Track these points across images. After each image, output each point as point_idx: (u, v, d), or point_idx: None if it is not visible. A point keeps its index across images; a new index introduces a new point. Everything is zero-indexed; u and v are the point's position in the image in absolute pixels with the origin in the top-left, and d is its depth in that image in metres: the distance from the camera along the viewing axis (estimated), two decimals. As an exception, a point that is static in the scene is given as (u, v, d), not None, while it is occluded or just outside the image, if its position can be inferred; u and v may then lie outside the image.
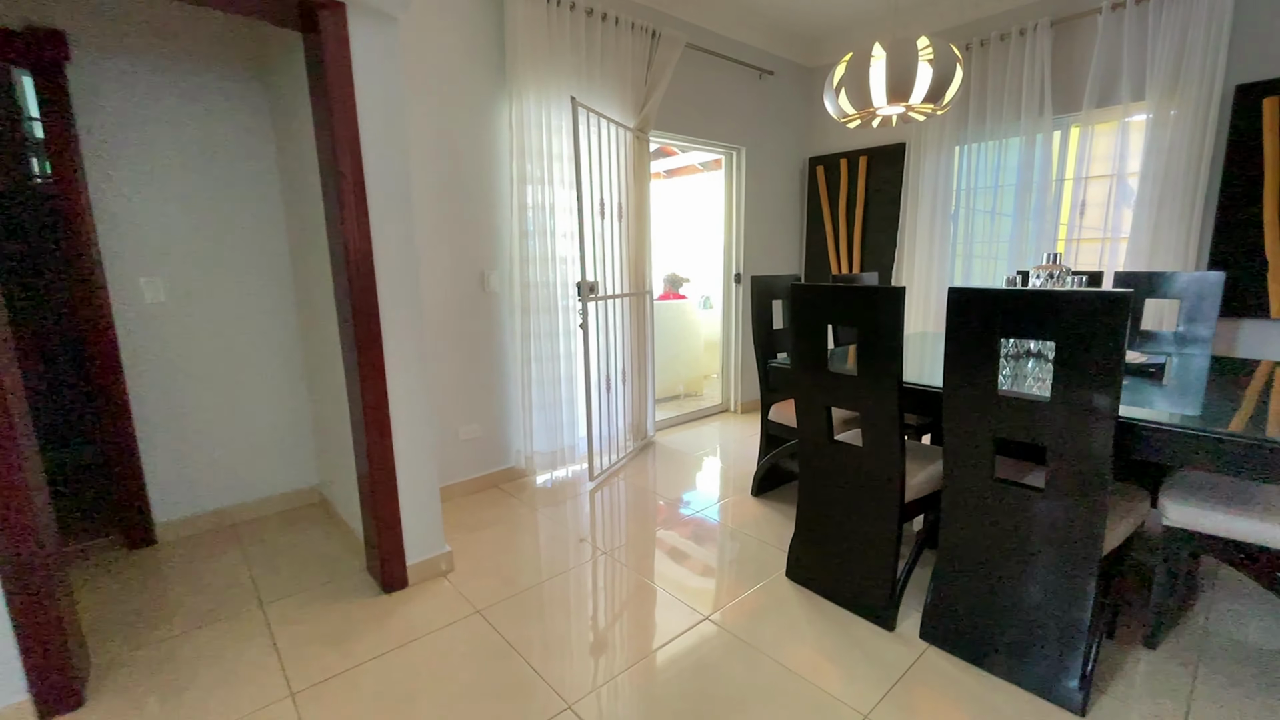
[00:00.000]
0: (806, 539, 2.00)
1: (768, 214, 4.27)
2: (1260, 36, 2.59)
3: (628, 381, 3.35)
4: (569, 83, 2.87)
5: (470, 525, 2.52)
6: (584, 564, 2.19)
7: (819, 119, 4.34)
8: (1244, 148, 2.65)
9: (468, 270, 2.76)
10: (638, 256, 3.34)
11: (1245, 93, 2.63)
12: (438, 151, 2.60)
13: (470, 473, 2.88)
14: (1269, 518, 1.46)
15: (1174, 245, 2.83)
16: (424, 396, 2.04)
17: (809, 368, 1.84)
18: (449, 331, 2.74)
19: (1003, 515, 1.53)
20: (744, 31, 3.80)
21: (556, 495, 2.85)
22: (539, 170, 2.81)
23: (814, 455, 1.92)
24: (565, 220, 2.95)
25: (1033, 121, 3.24)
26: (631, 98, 3.17)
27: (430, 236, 2.62)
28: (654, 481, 3.02)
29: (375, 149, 1.82)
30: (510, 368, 2.97)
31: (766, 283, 2.72)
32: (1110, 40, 2.97)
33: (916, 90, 1.97)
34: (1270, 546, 1.45)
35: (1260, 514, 1.47)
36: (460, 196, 2.69)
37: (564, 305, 3.01)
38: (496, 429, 2.96)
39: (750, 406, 4.39)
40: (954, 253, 3.71)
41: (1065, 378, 1.32)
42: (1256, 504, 1.52)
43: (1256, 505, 1.51)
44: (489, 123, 2.74)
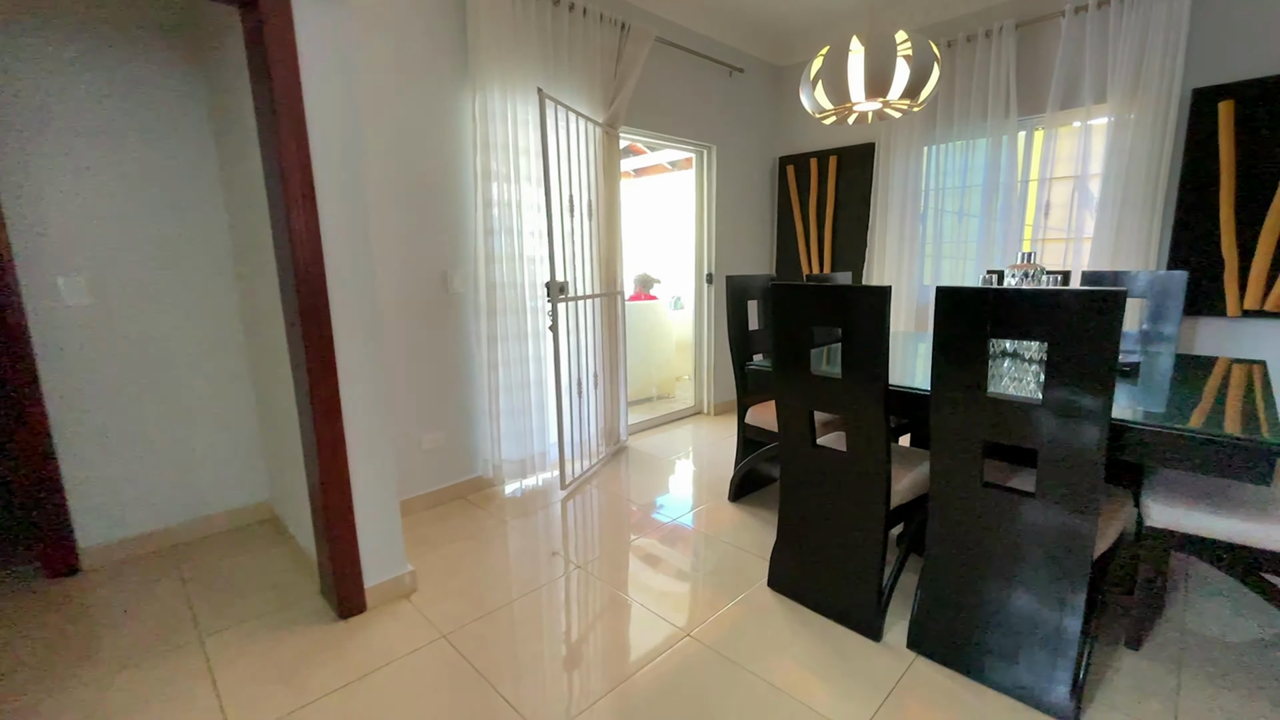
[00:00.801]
0: (788, 547, 1.93)
1: (739, 213, 4.23)
2: (1216, 42, 2.66)
3: (599, 385, 3.25)
4: (536, 74, 2.75)
5: (434, 541, 2.37)
6: (556, 579, 2.07)
7: (789, 118, 4.32)
8: (1201, 150, 2.72)
9: (429, 270, 2.61)
10: (609, 256, 3.24)
11: (1202, 96, 2.69)
12: (395, 143, 2.44)
13: (434, 484, 2.73)
14: (1250, 517, 1.45)
15: (1136, 245, 2.89)
16: (381, 405, 1.90)
17: (791, 370, 1.78)
18: (409, 335, 2.58)
19: (992, 520, 1.48)
20: (713, 27, 3.75)
21: (526, 505, 2.72)
22: (504, 165, 2.68)
23: (796, 461, 1.85)
24: (533, 218, 2.83)
25: (999, 123, 3.28)
26: (601, 92, 3.07)
27: (387, 234, 2.46)
28: (628, 488, 2.92)
29: (325, 137, 1.67)
30: (476, 372, 2.83)
31: (741, 283, 2.66)
32: (1073, 43, 3.01)
33: (895, 86, 1.93)
34: (1250, 545, 1.45)
35: (1241, 513, 1.47)
36: (420, 191, 2.54)
37: (532, 306, 2.88)
38: (462, 437, 2.82)
39: (724, 408, 4.33)
40: (923, 253, 3.73)
41: (1058, 379, 1.28)
42: (1235, 503, 1.51)
43: (1236, 504, 1.51)
44: (451, 114, 2.60)
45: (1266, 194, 2.57)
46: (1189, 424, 1.28)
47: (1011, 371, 1.89)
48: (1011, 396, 1.38)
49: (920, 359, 2.24)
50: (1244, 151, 2.61)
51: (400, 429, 2.58)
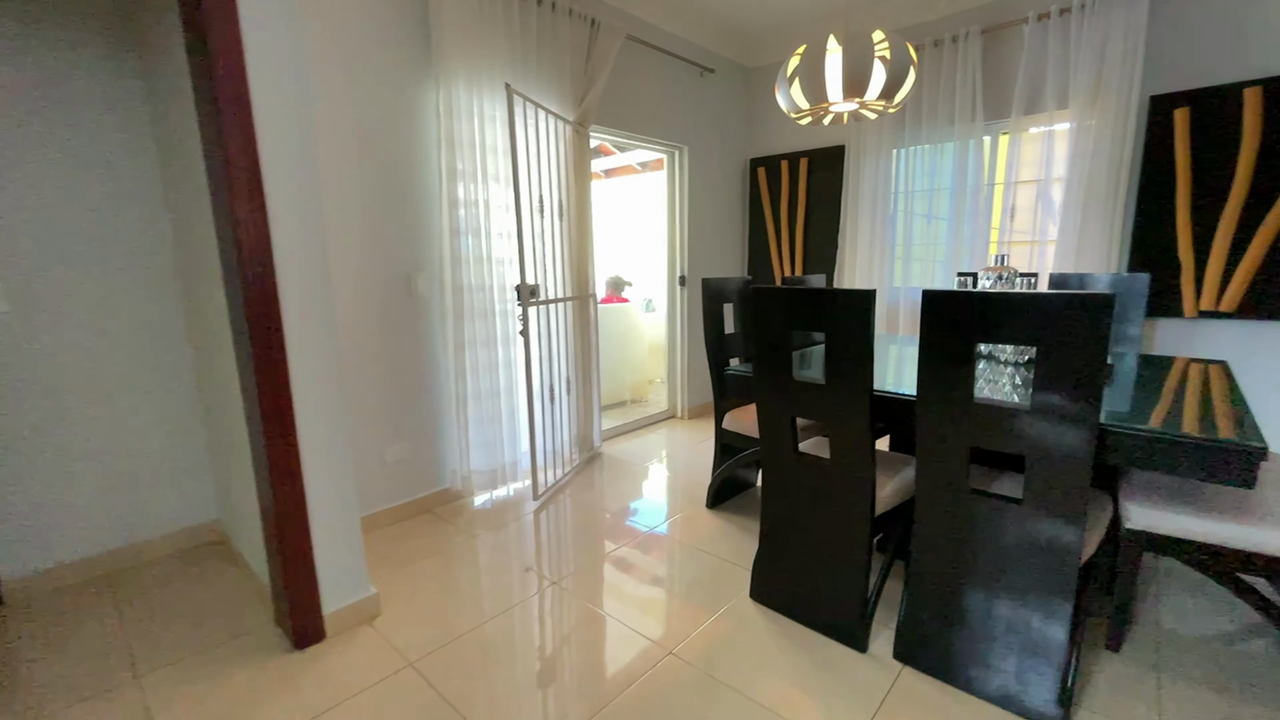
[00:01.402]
0: (771, 557, 1.88)
1: (710, 215, 4.19)
2: (1171, 51, 2.74)
3: (572, 391, 3.16)
4: (503, 69, 2.65)
5: (399, 559, 2.24)
6: (530, 597, 1.98)
7: (760, 119, 4.31)
8: (1158, 156, 2.80)
9: (391, 273, 2.48)
10: (580, 258, 3.15)
11: (1159, 104, 2.77)
12: (353, 139, 2.30)
13: (398, 498, 2.59)
14: (1226, 518, 1.46)
15: (1098, 248, 2.96)
16: (340, 417, 1.77)
17: (772, 376, 1.73)
18: (370, 342, 2.44)
19: (978, 527, 1.46)
20: (684, 27, 3.70)
21: (497, 518, 2.61)
22: (471, 163, 2.57)
23: (778, 468, 1.80)
24: (501, 218, 2.72)
25: (965, 127, 3.32)
26: (570, 90, 2.98)
27: (346, 234, 2.32)
28: (603, 497, 2.84)
29: (273, 127, 1.54)
30: (442, 380, 2.70)
31: (717, 285, 2.61)
32: (1036, 50, 3.07)
33: (872, 86, 1.90)
34: (1227, 545, 1.46)
35: (1217, 514, 1.48)
36: (381, 189, 2.41)
37: (501, 310, 2.77)
38: (428, 448, 2.69)
39: (698, 412, 4.29)
40: (893, 254, 3.76)
41: (1046, 383, 1.25)
42: (1210, 504, 1.53)
43: (1211, 506, 1.52)
44: (413, 109, 2.47)
45: (1220, 199, 2.66)
46: (1181, 429, 1.28)
47: (986, 374, 1.89)
48: (999, 402, 1.35)
49: (894, 361, 2.22)
50: (1198, 158, 2.70)
51: (361, 441, 2.44)
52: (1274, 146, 2.52)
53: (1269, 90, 2.50)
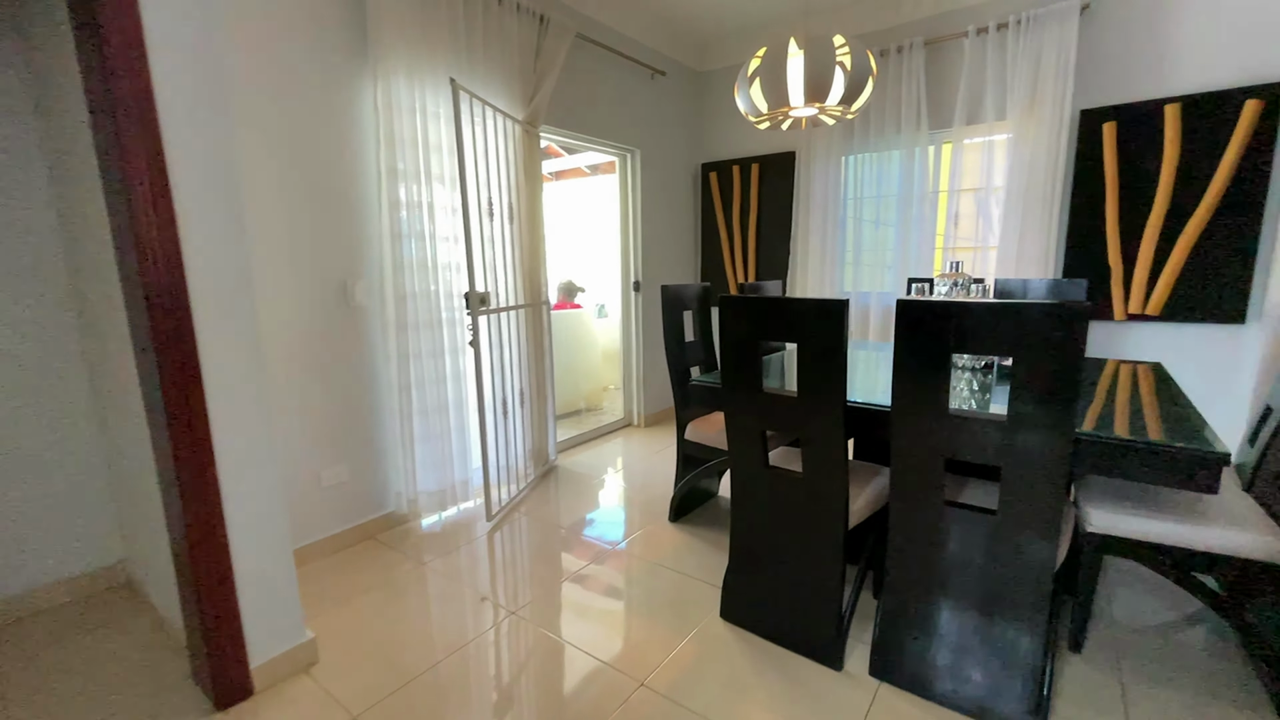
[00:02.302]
0: (741, 575, 1.82)
1: (663, 219, 4.14)
2: (1100, 67, 2.88)
3: (526, 402, 3.01)
4: (447, 64, 2.49)
5: (339, 595, 2.04)
6: (487, 631, 1.83)
7: (711, 124, 4.30)
8: (1089, 167, 2.94)
9: (325, 280, 2.27)
10: (532, 263, 3.01)
11: (1089, 117, 2.91)
12: (279, 133, 2.09)
13: (337, 525, 2.38)
14: (1181, 519, 1.50)
15: (1036, 254, 3.08)
16: (266, 440, 1.58)
17: (741, 388, 1.66)
18: (302, 357, 2.23)
19: (953, 539, 1.44)
20: (635, 28, 3.63)
21: (448, 541, 2.44)
22: (413, 162, 2.39)
23: (748, 483, 1.74)
24: (447, 222, 2.56)
25: (911, 135, 3.40)
26: (519, 87, 2.85)
27: (272, 238, 2.11)
28: (560, 513, 2.71)
29: (180, 116, 1.35)
30: (384, 395, 2.50)
31: (676, 292, 2.54)
32: (976, 63, 3.17)
33: (833, 91, 1.88)
34: (1181, 545, 1.50)
35: (1173, 516, 1.52)
36: (312, 190, 2.20)
37: (449, 319, 2.60)
38: (370, 469, 2.48)
39: (655, 419, 4.21)
40: (843, 260, 3.81)
41: (1023, 393, 1.24)
42: (1165, 506, 1.57)
43: (1166, 507, 1.56)
44: (348, 103, 2.28)
45: (1145, 208, 2.81)
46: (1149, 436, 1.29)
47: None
48: (976, 413, 1.33)
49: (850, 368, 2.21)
50: (1125, 169, 2.85)
51: (294, 465, 2.22)
52: (1192, 160, 2.69)
53: (1187, 107, 2.67)
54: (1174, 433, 1.30)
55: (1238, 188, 2.62)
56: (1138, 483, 1.68)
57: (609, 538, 2.46)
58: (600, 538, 2.46)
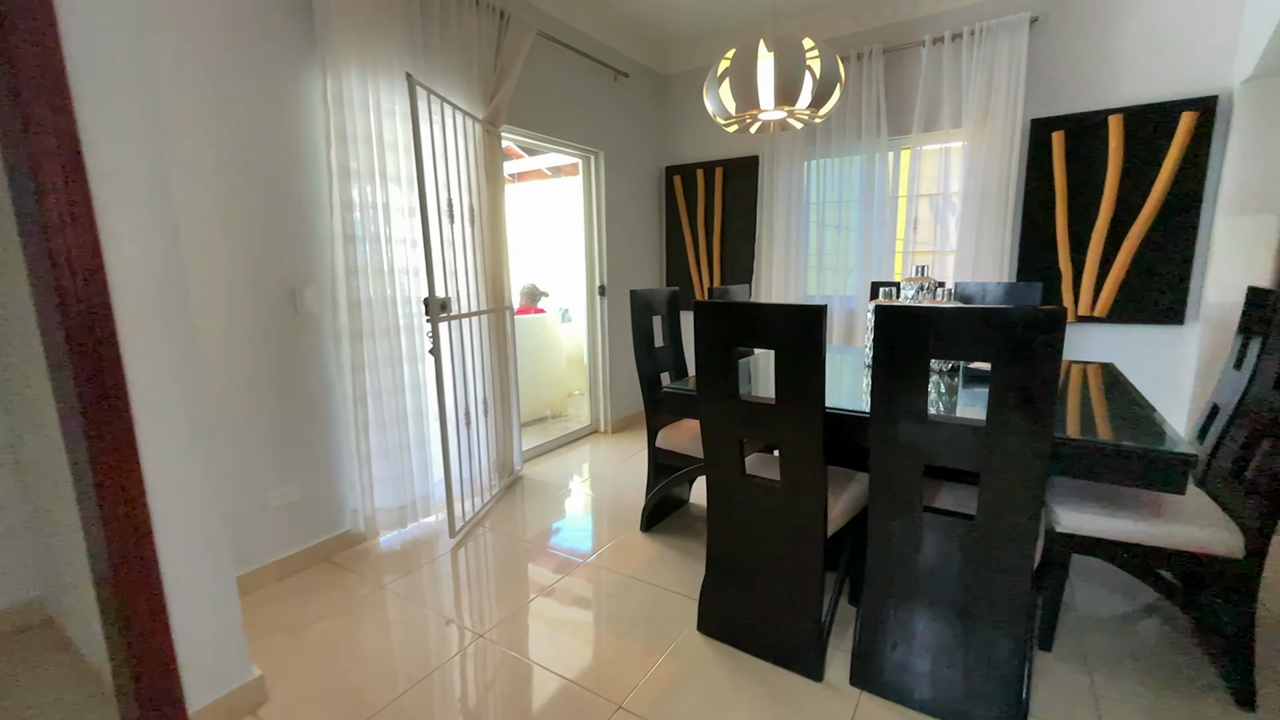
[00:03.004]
0: (718, 587, 1.78)
1: (628, 223, 4.09)
2: (1049, 78, 2.99)
3: (490, 411, 2.90)
4: (403, 58, 2.37)
5: (291, 624, 1.90)
6: (453, 658, 1.73)
7: (674, 127, 4.28)
8: (1040, 174, 3.04)
9: (271, 286, 2.12)
10: (495, 267, 2.91)
11: (1038, 126, 3.01)
12: (218, 126, 1.94)
13: (288, 548, 2.22)
14: (1145, 517, 1.54)
15: (992, 258, 3.17)
16: (203, 461, 1.44)
17: (717, 395, 1.62)
18: (247, 368, 2.07)
19: (932, 545, 1.43)
20: (598, 28, 3.57)
21: (408, 560, 2.31)
22: (367, 161, 2.27)
23: (724, 493, 1.70)
24: (404, 224, 2.43)
25: (871, 141, 3.45)
26: (480, 85, 2.75)
27: (211, 242, 1.95)
28: (527, 527, 2.62)
29: (99, 100, 1.22)
30: (338, 408, 2.36)
31: (646, 297, 2.49)
32: (932, 72, 3.25)
33: (803, 94, 1.87)
34: (1145, 543, 1.53)
35: (1136, 515, 1.56)
36: (256, 189, 2.05)
37: (407, 326, 2.48)
38: (323, 487, 2.33)
39: (622, 425, 4.15)
40: (807, 264, 3.84)
41: (1003, 399, 1.24)
42: (1130, 506, 1.61)
43: (1130, 507, 1.60)
44: (295, 97, 2.14)
45: (1092, 214, 2.93)
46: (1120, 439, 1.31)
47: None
48: (956, 418, 1.32)
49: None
50: (1073, 176, 2.96)
51: (238, 484, 2.06)
52: (1134, 168, 2.81)
53: (1129, 118, 2.79)
54: (1145, 436, 1.33)
55: (1176, 195, 2.75)
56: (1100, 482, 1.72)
57: (579, 550, 2.38)
58: (570, 551, 2.38)
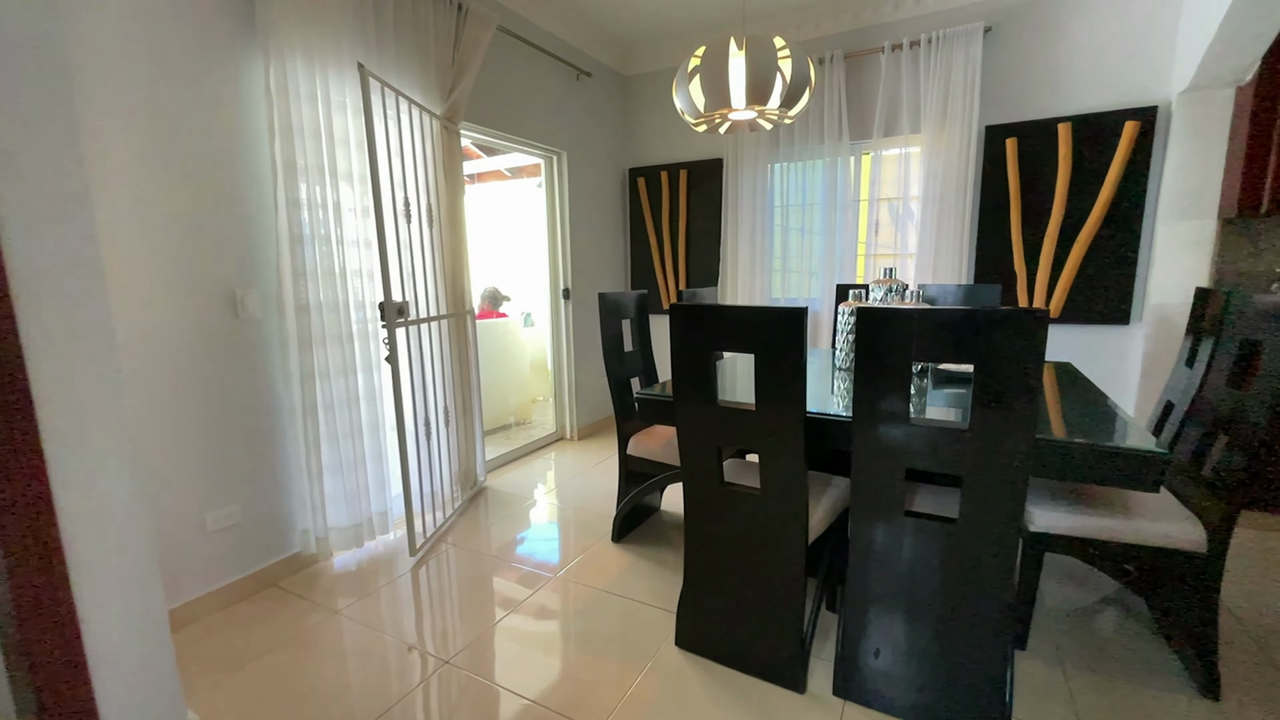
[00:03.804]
0: (697, 599, 1.72)
1: (593, 225, 4.01)
2: (1002, 86, 3.08)
3: (451, 421, 2.77)
4: (354, 48, 2.23)
5: (233, 659, 1.73)
6: (415, 688, 1.61)
7: (638, 129, 4.23)
8: (994, 179, 3.13)
9: (209, 290, 1.95)
10: (455, 270, 2.79)
11: (993, 133, 3.10)
12: (144, 114, 1.77)
13: (230, 574, 2.04)
14: (1114, 515, 1.57)
15: (951, 261, 3.24)
16: (129, 485, 1.29)
17: (695, 401, 1.57)
18: (182, 379, 1.90)
19: (914, 550, 1.41)
20: (560, 25, 3.49)
21: (365, 582, 2.16)
22: (315, 156, 2.12)
23: (702, 501, 1.65)
24: (357, 224, 2.29)
25: (833, 145, 3.49)
26: (437, 79, 2.62)
27: (140, 242, 1.77)
28: (493, 541, 2.50)
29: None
30: (285, 421, 2.19)
31: (615, 301, 2.42)
32: (891, 78, 3.31)
33: (774, 93, 1.84)
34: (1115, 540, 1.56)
35: (1106, 512, 1.58)
36: (190, 182, 1.89)
37: (360, 332, 2.33)
38: (269, 506, 2.16)
39: (589, 432, 4.06)
40: (772, 267, 3.85)
41: (986, 402, 1.22)
42: (1099, 504, 1.63)
43: (1100, 505, 1.63)
44: (234, 85, 1.98)
45: (1044, 219, 3.03)
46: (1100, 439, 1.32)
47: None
48: (939, 421, 1.31)
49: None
50: (1025, 182, 3.06)
51: (171, 509, 1.88)
52: (1082, 174, 2.92)
53: (1076, 126, 2.90)
54: (1121, 435, 1.34)
55: (1120, 201, 2.88)
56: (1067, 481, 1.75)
57: (549, 564, 2.29)
58: (539, 565, 2.28)
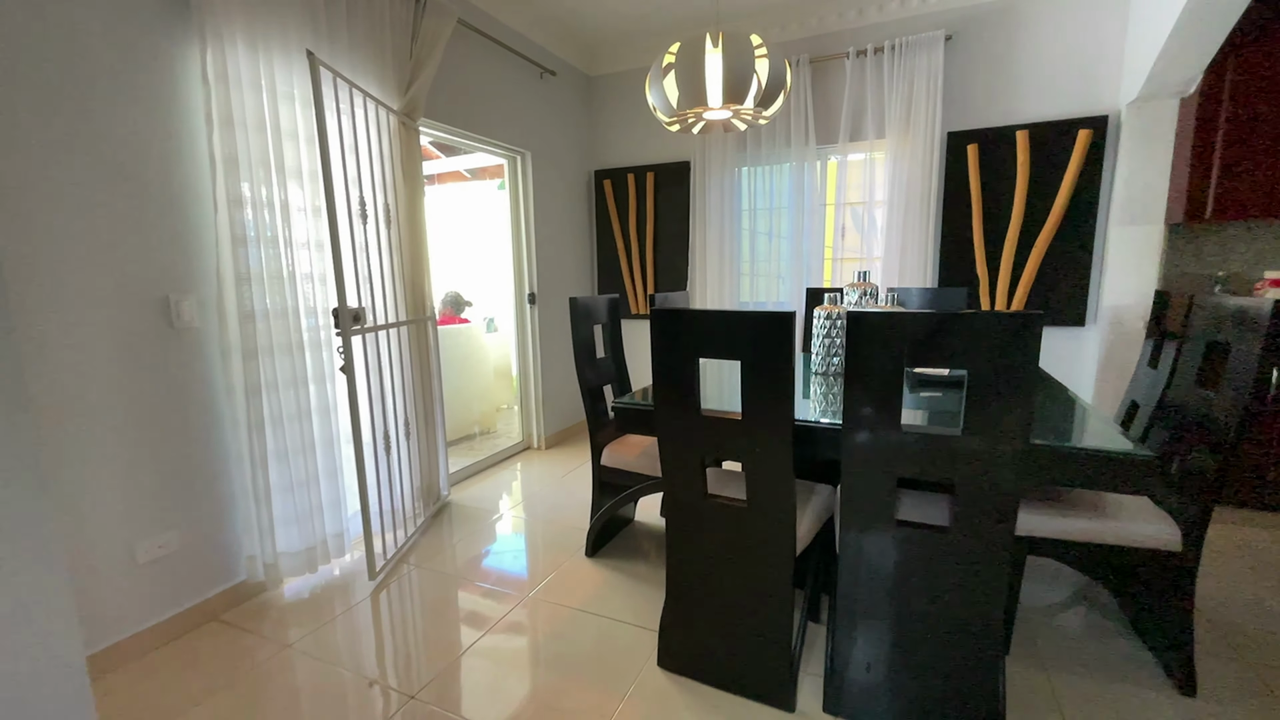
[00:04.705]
0: (680, 617, 1.64)
1: (558, 228, 3.90)
2: (963, 94, 3.14)
3: (412, 433, 2.62)
4: (303, 35, 2.08)
5: (170, 705, 1.56)
6: (381, 728, 1.48)
7: (603, 130, 4.15)
8: (957, 184, 3.19)
9: (139, 295, 1.76)
10: (415, 273, 2.64)
11: (955, 139, 3.16)
12: (60, 100, 1.58)
13: (165, 610, 1.85)
14: (1094, 517, 1.58)
15: (916, 264, 3.28)
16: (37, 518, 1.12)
17: (677, 410, 1.50)
18: (107, 395, 1.70)
19: (905, 560, 1.37)
20: (523, 22, 3.39)
21: (320, 611, 2.00)
22: (260, 150, 1.96)
23: (686, 515, 1.57)
24: (308, 224, 2.13)
25: (800, 150, 3.49)
26: (394, 73, 2.48)
27: (55, 239, 1.58)
28: (459, 560, 2.36)
29: None
30: (227, 439, 2.01)
31: (587, 305, 2.33)
32: (856, 83, 3.33)
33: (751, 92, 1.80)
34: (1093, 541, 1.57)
35: (1086, 515, 1.59)
36: (117, 177, 1.70)
37: (312, 341, 2.17)
38: (209, 532, 1.97)
39: (557, 440, 3.94)
40: (740, 270, 3.83)
41: (979, 408, 1.19)
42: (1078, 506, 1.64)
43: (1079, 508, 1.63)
44: (166, 71, 1.80)
45: (1004, 223, 3.10)
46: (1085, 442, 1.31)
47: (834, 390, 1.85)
48: (932, 429, 1.27)
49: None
50: (987, 187, 3.12)
51: (94, 542, 1.68)
52: (1039, 180, 3.00)
53: (1034, 133, 2.98)
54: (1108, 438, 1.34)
55: (1075, 206, 2.97)
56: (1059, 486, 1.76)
57: (520, 584, 2.17)
58: (510, 585, 2.16)
